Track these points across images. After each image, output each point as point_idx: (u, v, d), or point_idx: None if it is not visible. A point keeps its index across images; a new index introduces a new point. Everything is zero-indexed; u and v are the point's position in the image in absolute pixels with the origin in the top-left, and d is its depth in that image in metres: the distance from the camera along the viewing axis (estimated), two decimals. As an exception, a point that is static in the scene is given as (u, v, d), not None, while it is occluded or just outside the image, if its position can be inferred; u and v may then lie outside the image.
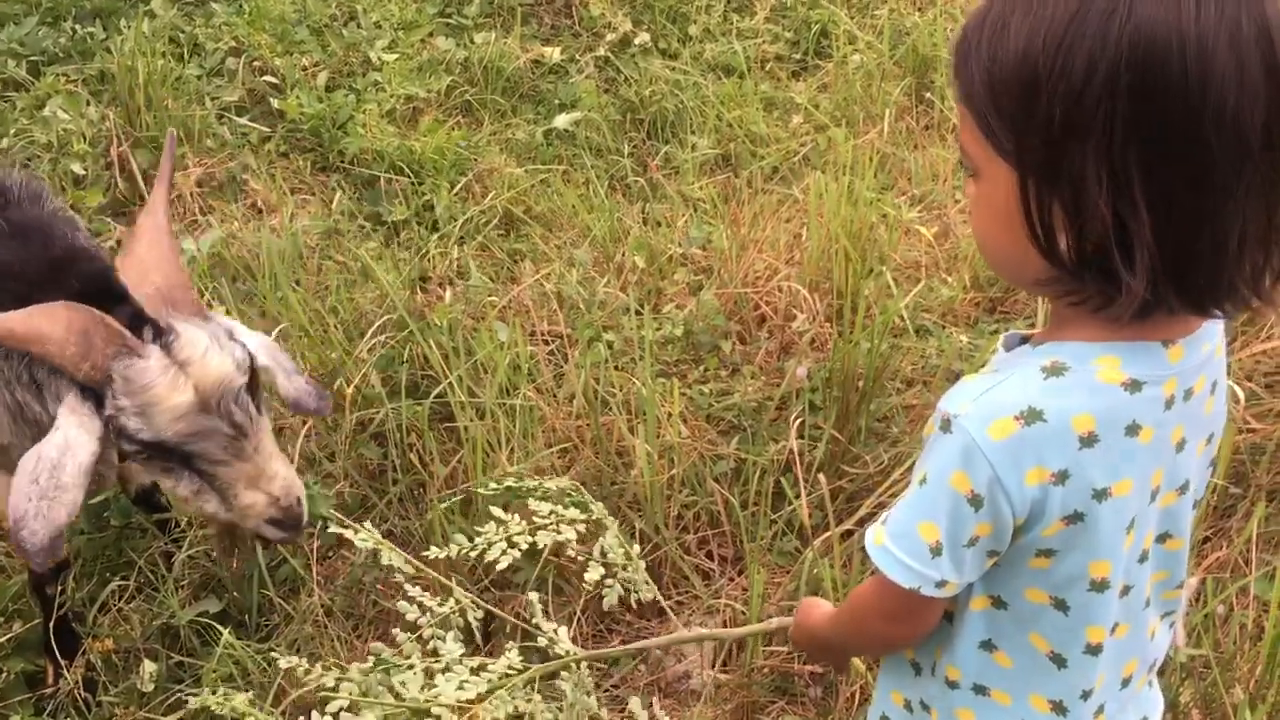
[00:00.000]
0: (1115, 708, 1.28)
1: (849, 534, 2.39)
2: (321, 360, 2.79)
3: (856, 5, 4.37)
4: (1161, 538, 1.21)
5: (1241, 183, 0.97)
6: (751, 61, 4.09)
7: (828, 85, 4.03)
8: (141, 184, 3.50)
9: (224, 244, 3.27)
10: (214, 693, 2.14)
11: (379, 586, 2.45)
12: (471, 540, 1.65)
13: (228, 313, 2.88)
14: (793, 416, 2.62)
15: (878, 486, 2.50)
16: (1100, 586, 1.15)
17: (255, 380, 1.90)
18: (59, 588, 2.25)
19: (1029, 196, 1.02)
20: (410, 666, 1.44)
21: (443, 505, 2.41)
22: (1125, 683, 1.27)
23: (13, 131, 3.53)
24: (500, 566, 1.62)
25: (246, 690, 2.18)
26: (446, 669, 1.45)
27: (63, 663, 2.26)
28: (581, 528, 1.67)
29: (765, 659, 2.33)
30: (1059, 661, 1.21)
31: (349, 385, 2.68)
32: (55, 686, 2.27)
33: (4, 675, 2.27)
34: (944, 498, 1.11)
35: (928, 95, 3.92)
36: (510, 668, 1.47)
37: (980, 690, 1.26)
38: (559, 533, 1.63)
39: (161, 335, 1.80)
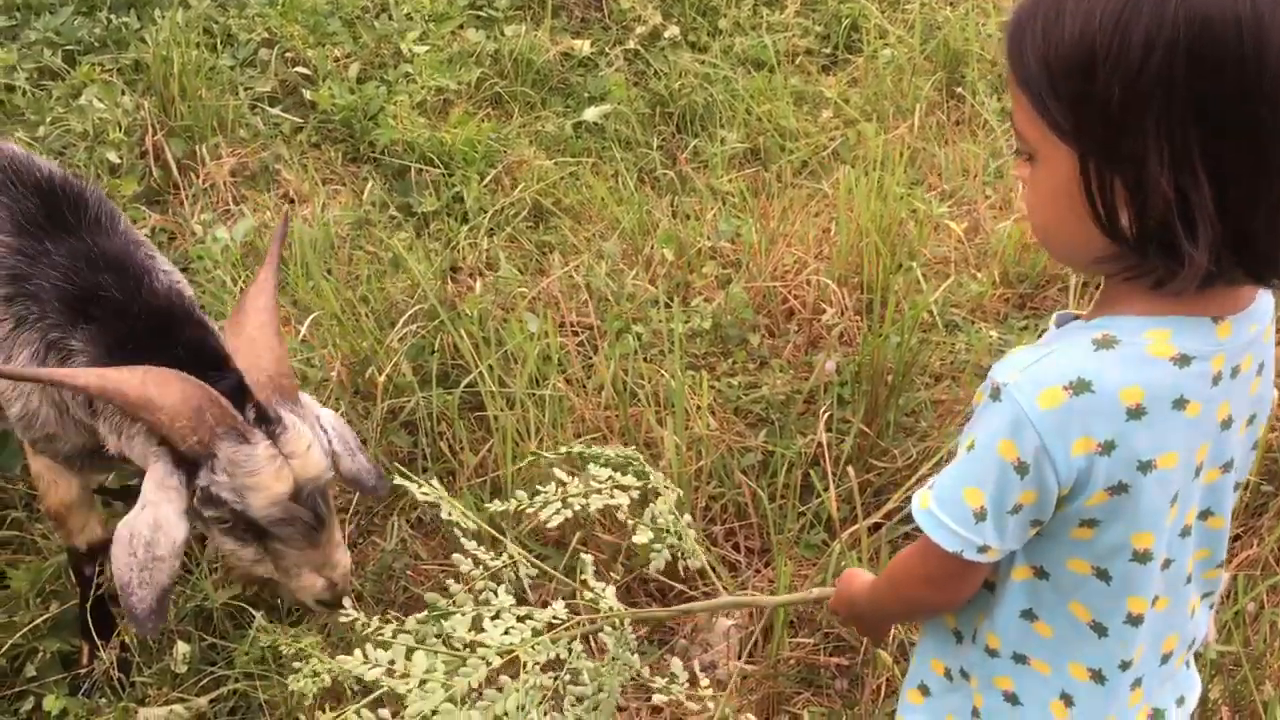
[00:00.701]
0: (1154, 684, 1.29)
1: (877, 527, 2.40)
2: (353, 349, 2.82)
3: None
4: (1204, 514, 1.22)
5: None
6: (781, 55, 4.09)
7: (858, 80, 4.03)
8: (175, 172, 3.53)
9: (256, 233, 3.30)
10: (248, 676, 2.19)
11: (409, 573, 2.48)
12: (531, 499, 1.68)
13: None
14: (821, 410, 2.62)
15: (906, 480, 2.51)
16: (1143, 558, 1.17)
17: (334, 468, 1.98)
18: (97, 568, 2.29)
19: (1090, 176, 1.03)
20: (462, 612, 1.47)
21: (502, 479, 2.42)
22: (1165, 659, 1.28)
23: (49, 120, 3.57)
24: (551, 525, 1.64)
25: (278, 674, 2.21)
26: (497, 615, 1.47)
27: (98, 643, 2.29)
28: (636, 494, 1.69)
29: (791, 650, 2.34)
30: (1100, 630, 1.22)
31: (380, 373, 2.70)
32: (90, 666, 2.30)
33: (40, 655, 2.30)
34: (991, 464, 1.13)
35: (959, 90, 3.91)
36: (555, 618, 1.49)
37: (1020, 659, 1.27)
38: (612, 498, 1.65)
39: (269, 423, 1.86)
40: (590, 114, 3.86)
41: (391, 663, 1.41)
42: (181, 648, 2.22)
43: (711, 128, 3.82)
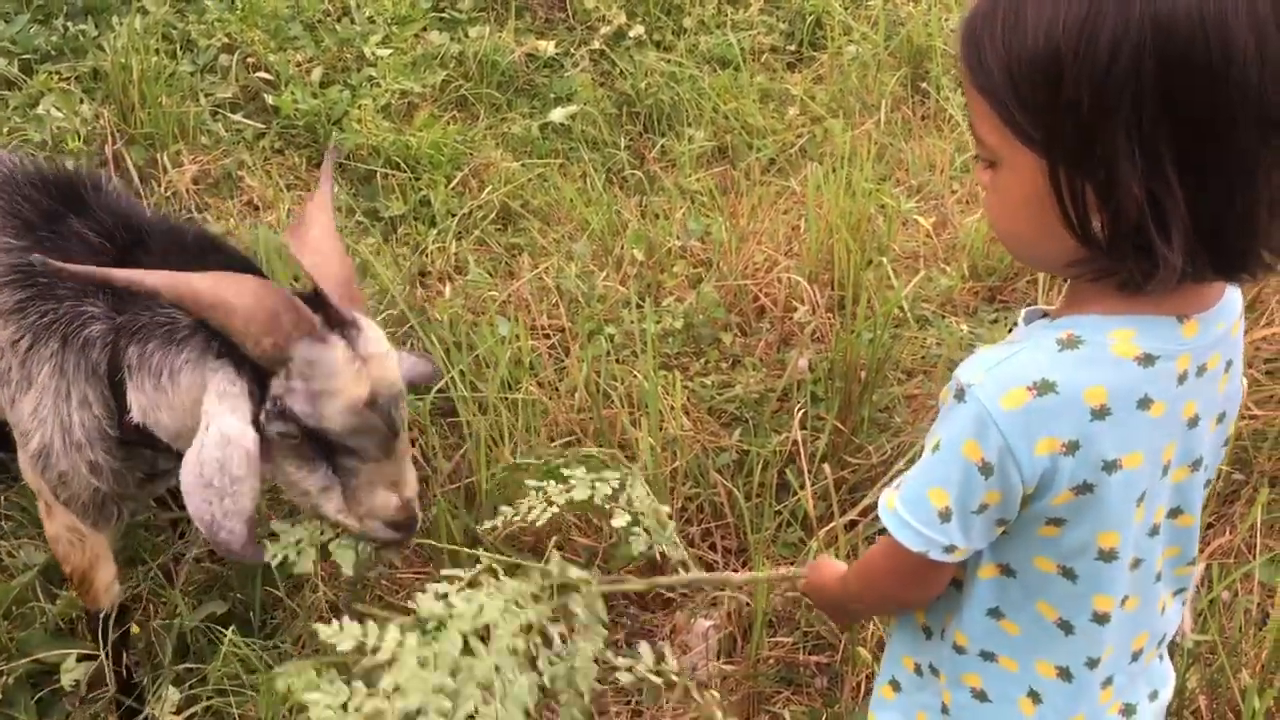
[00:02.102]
0: (1124, 680, 1.29)
1: (853, 524, 2.40)
2: (322, 356, 2.78)
3: (850, -4, 4.37)
4: (1173, 513, 1.23)
5: (1270, 153, 0.99)
6: (746, 53, 4.09)
7: (823, 76, 4.03)
8: (137, 181, 3.48)
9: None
10: (221, 693, 2.16)
11: (383, 582, 2.45)
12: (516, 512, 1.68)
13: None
14: (795, 408, 2.62)
15: (881, 477, 2.51)
16: (1108, 556, 1.17)
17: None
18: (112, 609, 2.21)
19: (1060, 182, 1.02)
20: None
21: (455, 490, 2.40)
22: (1135, 656, 1.29)
23: (6, 130, 3.52)
24: (539, 523, 1.63)
25: (253, 690, 2.18)
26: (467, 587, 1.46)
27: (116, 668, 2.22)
28: (614, 485, 1.68)
29: (770, 650, 2.34)
30: (1066, 628, 1.22)
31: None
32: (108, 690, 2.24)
33: (3, 679, 2.26)
34: (955, 465, 1.13)
35: (923, 85, 3.92)
36: (522, 588, 1.48)
37: (987, 656, 1.28)
38: (593, 488, 1.64)
39: (345, 327, 1.77)
40: (557, 115, 3.84)
41: (364, 639, 1.39)
42: (173, 695, 2.17)
43: (678, 126, 3.81)
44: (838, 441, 2.60)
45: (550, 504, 1.66)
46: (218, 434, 1.71)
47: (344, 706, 1.30)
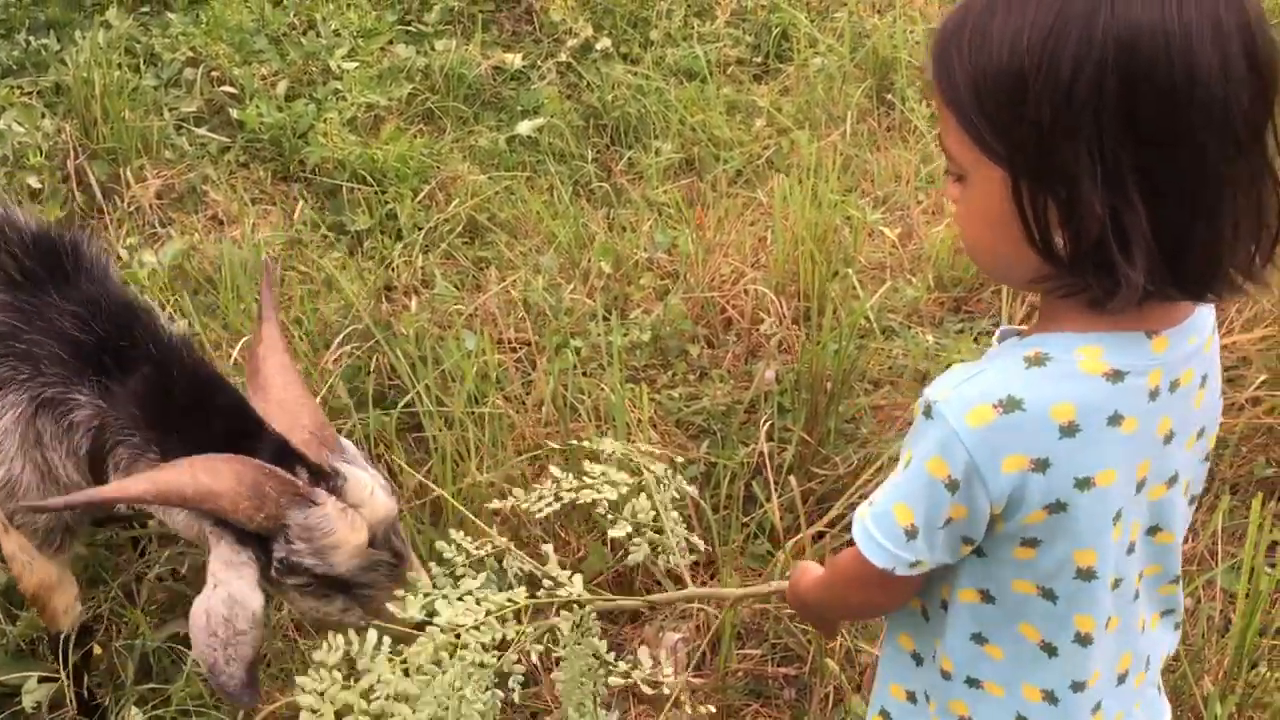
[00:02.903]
0: (1115, 705, 1.28)
1: (820, 535, 2.40)
2: (287, 372, 2.77)
3: (816, 8, 4.39)
4: (1151, 530, 1.22)
5: (1232, 173, 0.99)
6: (713, 65, 4.10)
7: (789, 88, 4.05)
8: (99, 196, 3.46)
9: (185, 256, 3.23)
10: (185, 714, 2.14)
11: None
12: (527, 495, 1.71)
13: (189, 325, 2.85)
14: (762, 419, 2.63)
15: (848, 487, 2.51)
16: (1087, 575, 1.16)
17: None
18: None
19: (1022, 197, 1.02)
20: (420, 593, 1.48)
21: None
22: (1122, 679, 1.27)
23: (-33, 145, 3.48)
24: (540, 515, 1.66)
25: (216, 709, 2.16)
26: (459, 598, 1.48)
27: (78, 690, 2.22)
28: (626, 489, 1.70)
29: (739, 662, 2.34)
30: (1050, 650, 1.21)
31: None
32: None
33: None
34: (921, 482, 1.13)
35: (889, 97, 3.94)
36: (510, 600, 1.49)
37: (972, 683, 1.27)
38: (599, 492, 1.65)
39: (328, 479, 1.82)
40: (523, 128, 3.84)
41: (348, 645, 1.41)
42: (135, 716, 2.14)
43: (646, 139, 3.81)
44: (805, 453, 2.61)
45: (558, 499, 1.69)
46: (225, 594, 1.78)
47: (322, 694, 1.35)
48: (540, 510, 1.69)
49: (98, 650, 2.28)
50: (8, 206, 2.09)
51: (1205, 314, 1.16)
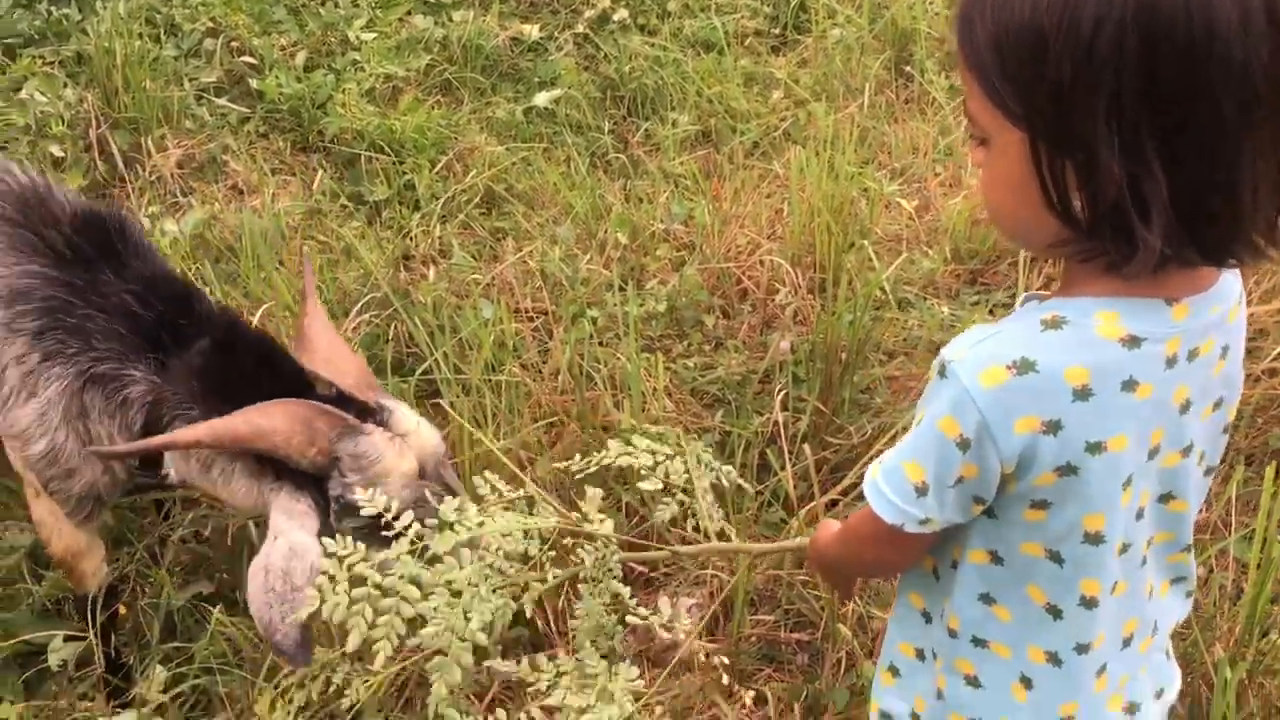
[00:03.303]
0: (1120, 669, 1.29)
1: (834, 504, 2.42)
2: (306, 339, 2.79)
3: (835, -20, 4.37)
4: (1164, 498, 1.22)
5: (1253, 134, 0.98)
6: (731, 37, 4.10)
7: (807, 60, 4.04)
8: (121, 165, 3.48)
9: (206, 225, 3.26)
10: (208, 671, 2.18)
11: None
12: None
13: (212, 294, 2.87)
14: (776, 389, 2.64)
15: (862, 457, 2.53)
16: (1095, 540, 1.17)
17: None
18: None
19: (1041, 160, 1.03)
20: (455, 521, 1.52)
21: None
22: (1126, 643, 1.28)
23: (-10, 115, 3.51)
24: (579, 476, 1.72)
25: (239, 667, 2.20)
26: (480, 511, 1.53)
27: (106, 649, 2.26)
28: (662, 459, 1.75)
29: (752, 628, 2.36)
30: (1055, 613, 1.23)
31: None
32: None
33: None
34: (933, 440, 1.14)
35: (907, 69, 3.93)
36: (538, 523, 1.55)
37: (979, 643, 1.28)
38: (635, 459, 1.69)
39: (375, 414, 1.90)
40: (541, 99, 3.84)
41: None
42: (160, 674, 2.19)
43: (662, 110, 3.82)
44: (819, 422, 2.63)
45: (600, 463, 1.73)
46: (286, 547, 1.81)
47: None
48: (580, 472, 1.73)
49: (123, 610, 2.32)
50: (50, 184, 2.13)
51: (1230, 283, 1.15)
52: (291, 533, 1.82)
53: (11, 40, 3.85)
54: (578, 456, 1.77)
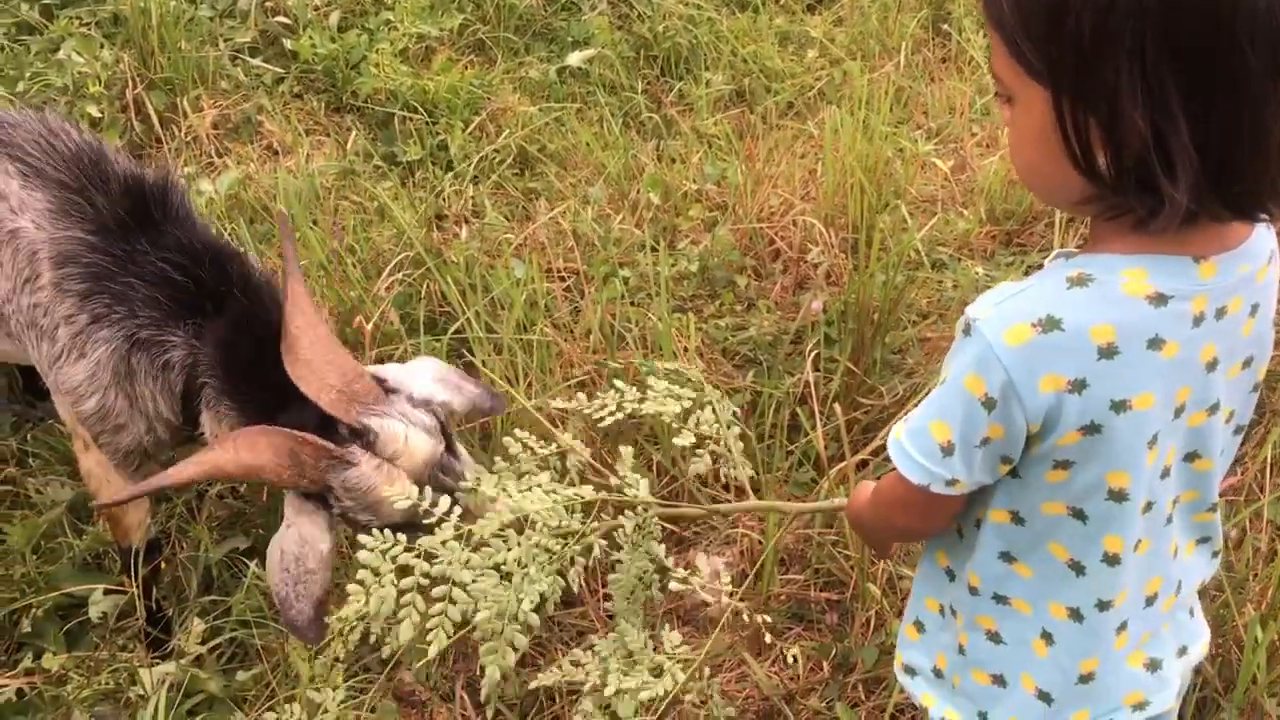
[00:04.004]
0: (1141, 626, 1.29)
1: (864, 464, 2.42)
2: (341, 298, 2.82)
3: (872, -63, 4.31)
4: (1190, 457, 1.21)
5: (1277, 86, 0.97)
6: (766, -5, 4.06)
7: (843, 19, 3.99)
8: (157, 125, 3.51)
9: (241, 185, 3.28)
10: (244, 624, 2.21)
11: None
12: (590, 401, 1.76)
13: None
14: (808, 349, 2.64)
15: (893, 417, 2.52)
16: (1119, 497, 1.17)
17: (448, 430, 1.94)
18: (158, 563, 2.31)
19: (1064, 116, 1.02)
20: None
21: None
22: (1150, 601, 1.28)
23: (28, 75, 3.54)
24: (604, 424, 1.69)
25: (275, 620, 2.23)
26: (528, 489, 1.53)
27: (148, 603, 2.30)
28: (688, 403, 1.73)
29: (781, 587, 2.37)
30: (1077, 569, 1.22)
31: (368, 322, 2.70)
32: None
33: (33, 611, 2.32)
34: (958, 399, 1.14)
35: (944, 27, 3.88)
36: (578, 494, 1.54)
37: (1000, 599, 1.28)
38: (663, 405, 1.68)
39: (360, 436, 1.84)
40: (574, 59, 3.83)
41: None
42: (197, 627, 2.23)
43: (696, 70, 3.79)
44: (850, 383, 2.62)
45: (620, 409, 1.71)
46: (297, 534, 1.85)
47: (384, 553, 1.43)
48: (603, 418, 1.71)
49: (163, 564, 2.37)
50: (104, 147, 2.16)
51: (1262, 241, 1.14)
52: (303, 525, 1.85)
53: (49, 1, 3.88)
54: (597, 403, 1.73)
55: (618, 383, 1.76)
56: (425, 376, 1.99)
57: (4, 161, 2.10)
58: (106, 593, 2.32)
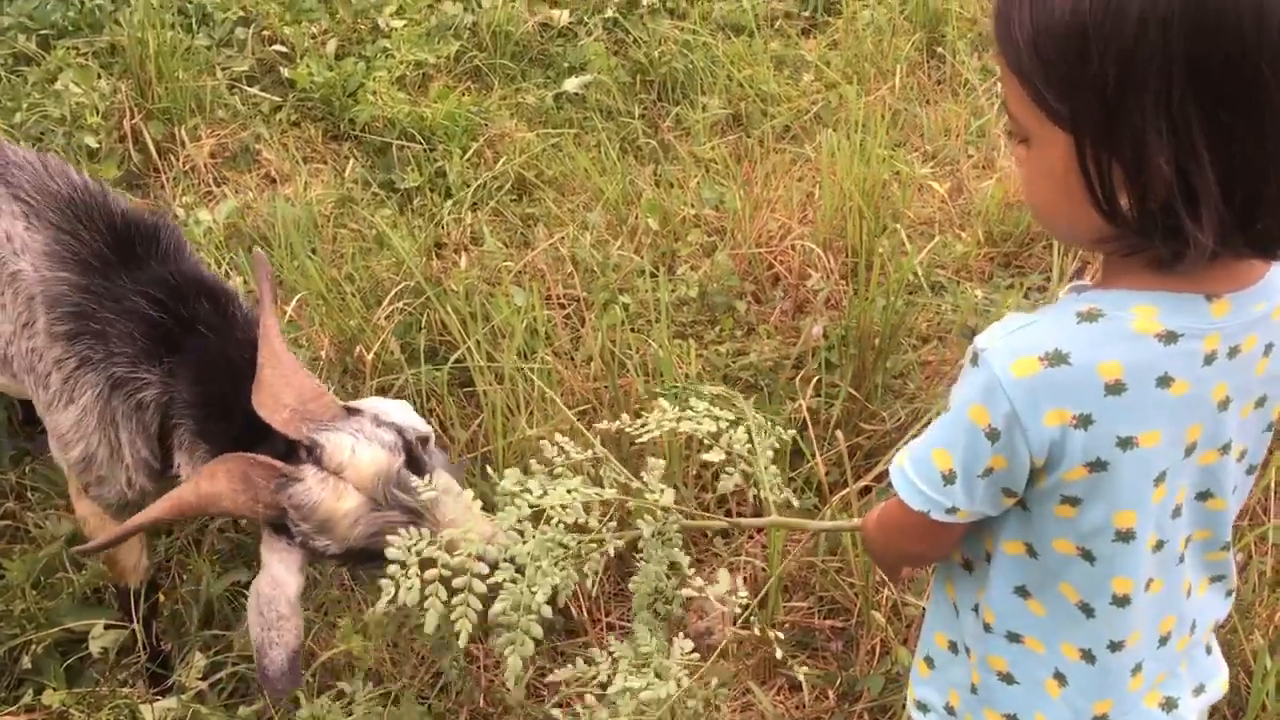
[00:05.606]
0: (1156, 666, 1.28)
1: (866, 490, 2.41)
2: (340, 327, 2.81)
3: (866, -40, 4.33)
4: (1202, 495, 1.20)
5: None
6: (760, 19, 4.07)
7: (838, 42, 4.01)
8: (155, 155, 3.51)
9: (239, 214, 3.28)
10: (247, 659, 2.20)
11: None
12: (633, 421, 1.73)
13: (244, 284, 2.90)
14: (809, 375, 2.63)
15: (895, 443, 2.52)
16: (1125, 537, 1.16)
17: (415, 453, 1.87)
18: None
19: (1087, 160, 1.01)
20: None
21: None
22: (1164, 640, 1.27)
23: (25, 106, 3.54)
24: (641, 439, 1.67)
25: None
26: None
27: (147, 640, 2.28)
28: (724, 424, 1.71)
29: (786, 615, 2.36)
30: (1087, 611, 1.22)
31: (368, 352, 2.70)
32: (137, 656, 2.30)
33: (32, 647, 2.30)
34: (962, 428, 1.13)
35: (939, 50, 3.90)
36: (598, 493, 1.54)
37: (1013, 637, 1.27)
38: (700, 425, 1.67)
39: (310, 452, 1.81)
40: (571, 84, 3.84)
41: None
42: (198, 661, 2.22)
43: (693, 95, 3.80)
44: (852, 408, 2.62)
45: (658, 426, 1.67)
46: (269, 577, 1.83)
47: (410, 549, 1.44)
48: (643, 435, 1.68)
49: (162, 598, 2.35)
50: (105, 190, 2.16)
51: (1276, 279, 1.12)
52: (272, 565, 1.83)
53: (46, 31, 3.89)
54: (639, 423, 1.69)
55: (663, 402, 1.75)
56: (403, 410, 1.97)
57: (11, 203, 2.10)
58: (107, 628, 2.30)
